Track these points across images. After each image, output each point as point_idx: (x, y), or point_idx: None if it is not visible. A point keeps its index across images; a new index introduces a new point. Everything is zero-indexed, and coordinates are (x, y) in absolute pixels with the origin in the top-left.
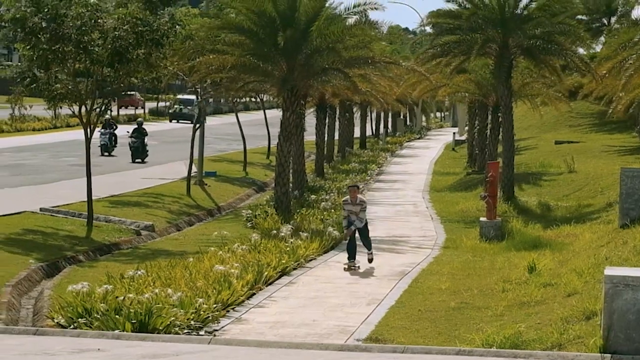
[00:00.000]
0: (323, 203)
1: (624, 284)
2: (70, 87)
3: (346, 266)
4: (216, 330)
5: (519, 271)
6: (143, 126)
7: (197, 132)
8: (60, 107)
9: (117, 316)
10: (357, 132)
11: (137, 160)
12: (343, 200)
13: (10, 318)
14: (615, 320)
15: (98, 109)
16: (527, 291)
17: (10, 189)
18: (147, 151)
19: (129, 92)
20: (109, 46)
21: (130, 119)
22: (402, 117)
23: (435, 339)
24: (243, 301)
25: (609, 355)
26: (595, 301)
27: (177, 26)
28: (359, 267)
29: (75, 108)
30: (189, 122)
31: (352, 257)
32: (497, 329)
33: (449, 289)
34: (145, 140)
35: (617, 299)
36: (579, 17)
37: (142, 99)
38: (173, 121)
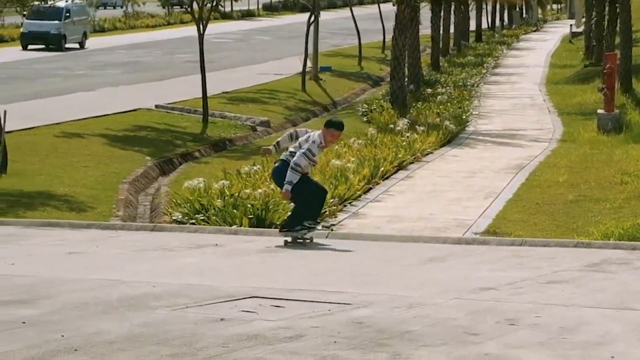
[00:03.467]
0: (439, 97)
1: None
2: None
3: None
4: (334, 224)
5: (638, 163)
6: None
7: (312, 27)
8: (172, 6)
9: (234, 211)
10: (472, 25)
11: None
12: (314, 141)
13: (128, 215)
14: None
15: (209, 4)
16: None
17: (124, 87)
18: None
19: None
20: None
21: (244, 15)
22: (518, 9)
23: (553, 231)
24: (360, 196)
25: None
26: None
27: None
28: (332, 226)
29: (188, 4)
30: (55, 47)
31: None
32: (616, 222)
33: (567, 182)
34: None
35: None
36: None
37: None
38: (29, 47)
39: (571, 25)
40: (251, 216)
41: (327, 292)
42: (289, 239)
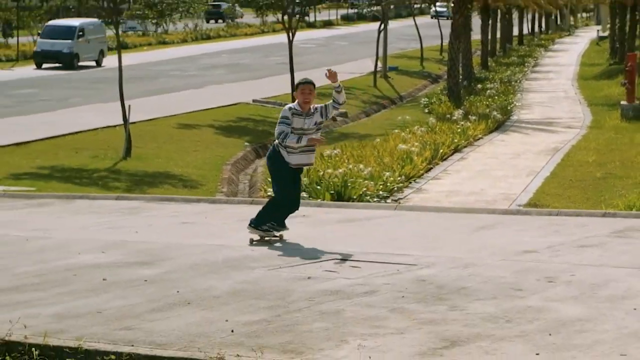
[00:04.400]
0: (488, 91)
1: None
2: None
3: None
4: (400, 198)
5: None
6: None
7: (382, 34)
8: (267, 15)
9: (318, 187)
10: (515, 31)
11: None
12: (289, 107)
13: (230, 191)
14: None
15: (298, 15)
16: None
17: (227, 84)
18: None
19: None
20: None
21: (325, 24)
22: (553, 17)
23: (584, 203)
24: (422, 174)
25: None
26: None
27: None
28: (281, 235)
29: (279, 15)
30: (66, 66)
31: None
32: (637, 195)
33: (595, 162)
34: None
35: None
36: None
37: None
38: (43, 66)
39: (598, 30)
40: (332, 192)
41: (396, 255)
42: (256, 237)
